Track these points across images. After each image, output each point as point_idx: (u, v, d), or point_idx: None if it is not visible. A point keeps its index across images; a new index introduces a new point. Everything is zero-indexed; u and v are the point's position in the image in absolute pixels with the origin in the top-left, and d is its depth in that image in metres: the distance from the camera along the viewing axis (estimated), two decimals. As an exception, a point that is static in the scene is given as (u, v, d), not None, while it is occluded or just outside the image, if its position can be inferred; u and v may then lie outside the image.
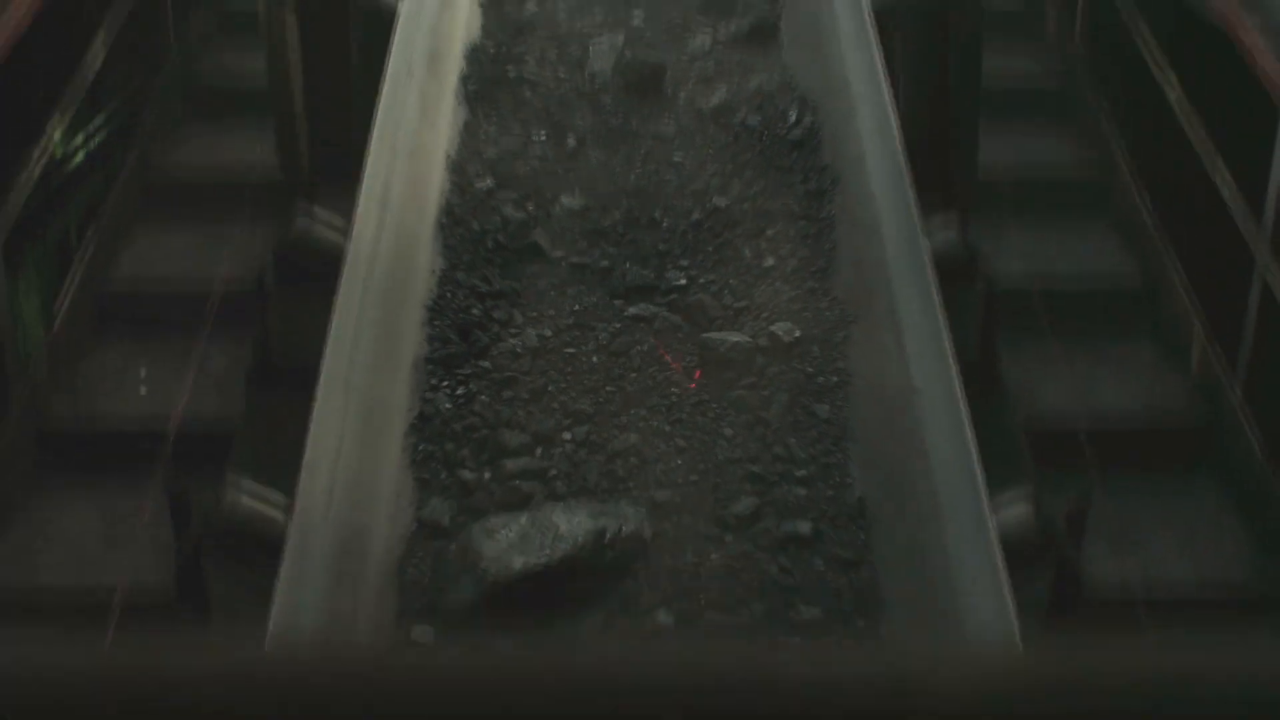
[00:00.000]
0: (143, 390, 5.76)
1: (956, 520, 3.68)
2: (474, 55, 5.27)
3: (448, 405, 4.02)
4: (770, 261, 4.53)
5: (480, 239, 4.53)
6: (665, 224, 4.59)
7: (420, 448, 3.95)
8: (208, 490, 3.64)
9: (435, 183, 4.70)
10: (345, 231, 4.31)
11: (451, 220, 4.65)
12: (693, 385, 4.12)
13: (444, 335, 4.21)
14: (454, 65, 5.09)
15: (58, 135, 6.05)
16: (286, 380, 4.15)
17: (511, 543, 3.52)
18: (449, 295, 4.37)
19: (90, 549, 5.19)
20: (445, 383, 4.08)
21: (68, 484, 5.40)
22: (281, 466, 3.70)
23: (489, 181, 4.78)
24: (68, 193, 7.11)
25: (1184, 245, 6.17)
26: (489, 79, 5.16)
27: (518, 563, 3.49)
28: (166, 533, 3.66)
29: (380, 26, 4.82)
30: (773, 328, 4.25)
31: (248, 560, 3.58)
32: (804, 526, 3.74)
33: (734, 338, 4.19)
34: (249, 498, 3.64)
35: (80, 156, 7.27)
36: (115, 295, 6.10)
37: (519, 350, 4.16)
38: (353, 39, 4.66)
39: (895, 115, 4.66)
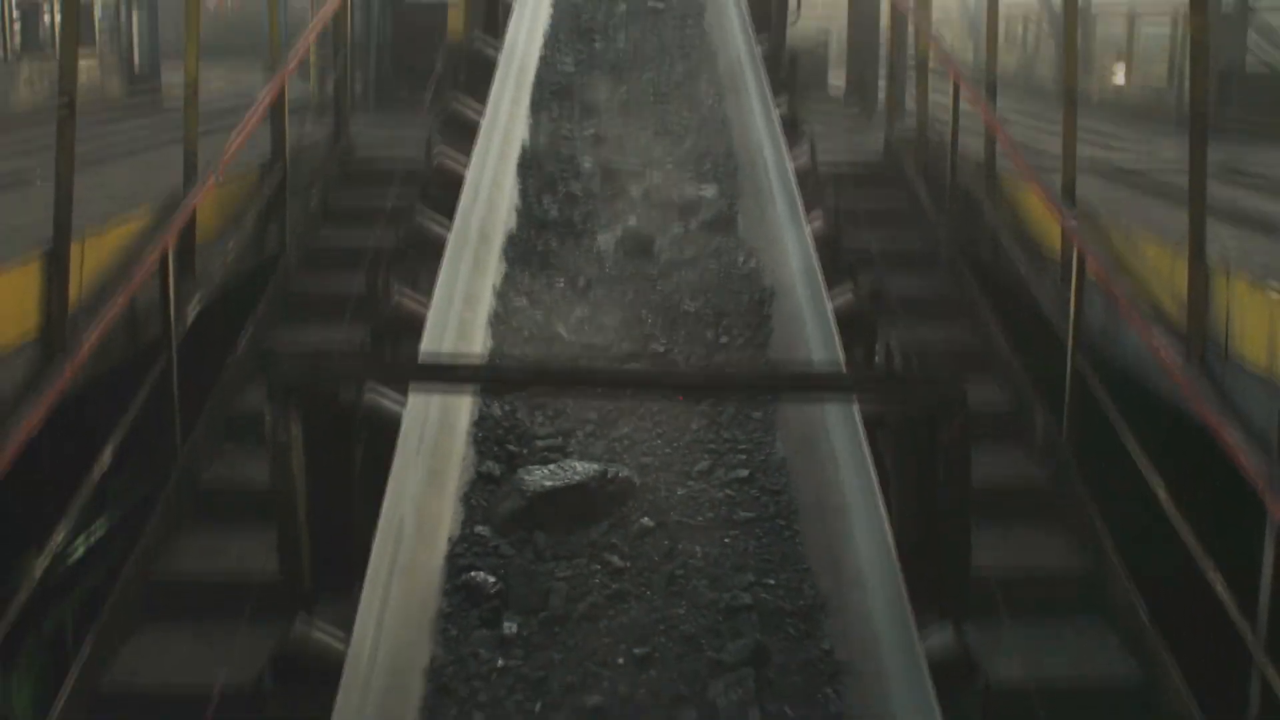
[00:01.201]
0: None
1: None
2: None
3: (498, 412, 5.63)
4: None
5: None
6: None
7: (479, 435, 5.50)
8: None
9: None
10: (344, 640, 4.33)
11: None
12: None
13: None
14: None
15: (61, 537, 6.10)
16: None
17: (544, 475, 5.18)
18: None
19: None
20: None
21: None
22: None
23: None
24: (68, 592, 7.15)
25: (1180, 642, 6.17)
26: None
27: (548, 484, 5.13)
28: None
29: (385, 435, 4.95)
30: None
31: None
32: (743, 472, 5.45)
33: None
34: None
35: (82, 556, 7.34)
36: (111, 695, 6.05)
37: None
38: (356, 447, 4.77)
39: (889, 525, 4.73)
